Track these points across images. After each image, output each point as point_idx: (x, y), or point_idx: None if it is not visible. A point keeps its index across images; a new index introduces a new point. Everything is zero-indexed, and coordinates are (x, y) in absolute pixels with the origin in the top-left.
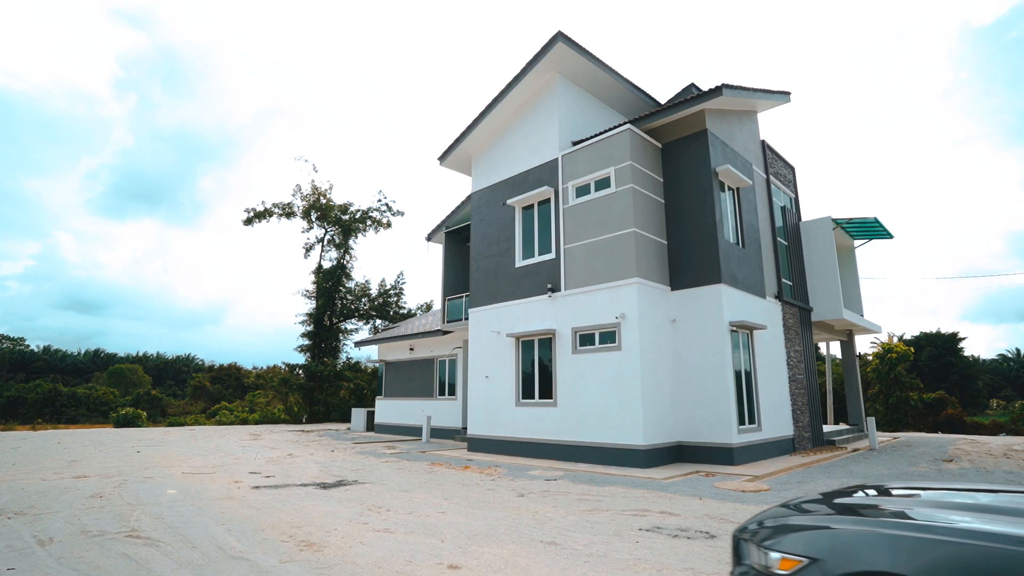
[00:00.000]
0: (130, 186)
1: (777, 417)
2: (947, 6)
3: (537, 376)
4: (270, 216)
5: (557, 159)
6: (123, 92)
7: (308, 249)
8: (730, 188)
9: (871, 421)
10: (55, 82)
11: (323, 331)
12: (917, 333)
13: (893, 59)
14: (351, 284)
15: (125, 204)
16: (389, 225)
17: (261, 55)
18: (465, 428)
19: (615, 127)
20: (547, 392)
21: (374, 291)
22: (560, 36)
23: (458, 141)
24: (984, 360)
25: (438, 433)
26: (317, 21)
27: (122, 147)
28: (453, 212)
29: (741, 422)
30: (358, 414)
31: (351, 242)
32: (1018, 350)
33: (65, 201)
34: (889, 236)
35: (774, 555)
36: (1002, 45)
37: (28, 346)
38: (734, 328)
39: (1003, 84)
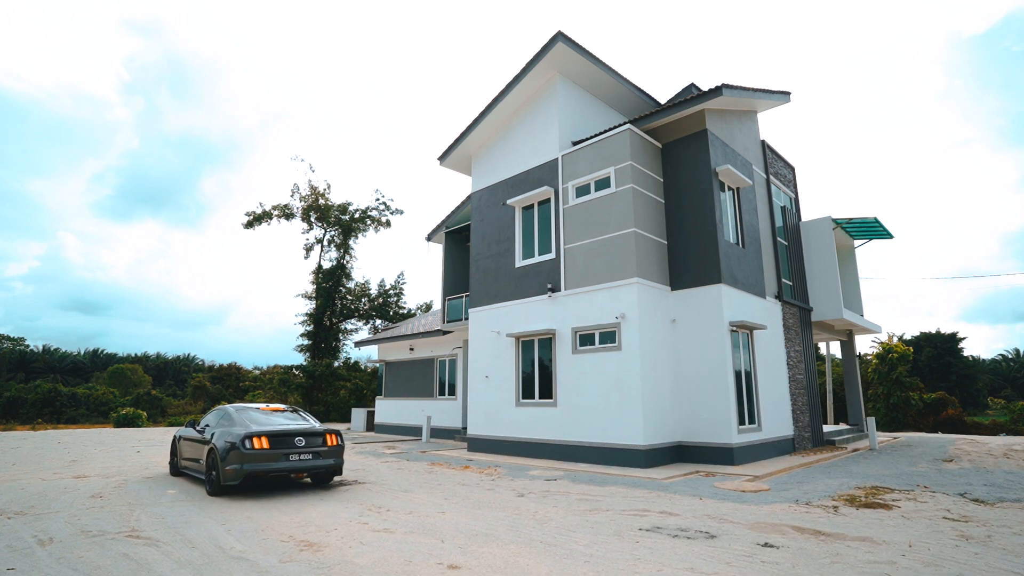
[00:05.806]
0: (134, 188)
1: (777, 417)
2: (937, 16)
3: (537, 376)
4: (270, 219)
5: (557, 159)
6: (130, 97)
7: (308, 249)
8: (730, 188)
9: (871, 421)
10: (60, 85)
11: (323, 331)
12: (916, 333)
13: (889, 65)
14: (351, 284)
15: (129, 206)
16: (388, 224)
17: (266, 61)
18: (465, 428)
19: (615, 127)
20: (547, 392)
21: (374, 291)
22: (560, 36)
23: (458, 141)
24: (983, 360)
25: (438, 433)
26: (320, 26)
27: (127, 150)
28: (453, 212)
29: (741, 422)
30: (358, 414)
31: (351, 242)
32: (1017, 350)
33: (69, 202)
34: (889, 236)
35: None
36: (996, 52)
37: (28, 346)
38: (734, 328)
39: (998, 88)
